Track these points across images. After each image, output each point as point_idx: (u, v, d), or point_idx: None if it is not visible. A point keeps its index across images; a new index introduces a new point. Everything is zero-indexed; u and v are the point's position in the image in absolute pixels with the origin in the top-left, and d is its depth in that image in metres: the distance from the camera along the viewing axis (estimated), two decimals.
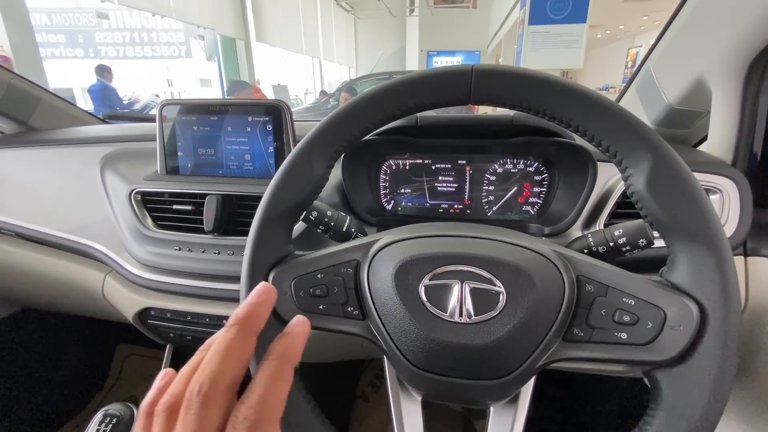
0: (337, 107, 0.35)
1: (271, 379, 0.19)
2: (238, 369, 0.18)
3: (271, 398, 0.18)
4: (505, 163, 0.62)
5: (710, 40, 0.55)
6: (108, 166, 0.71)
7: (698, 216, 0.29)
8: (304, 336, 0.21)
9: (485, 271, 0.32)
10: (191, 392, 0.18)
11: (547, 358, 0.33)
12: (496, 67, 0.33)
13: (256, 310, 0.20)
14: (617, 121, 0.30)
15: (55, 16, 7.45)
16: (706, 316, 0.29)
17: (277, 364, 0.19)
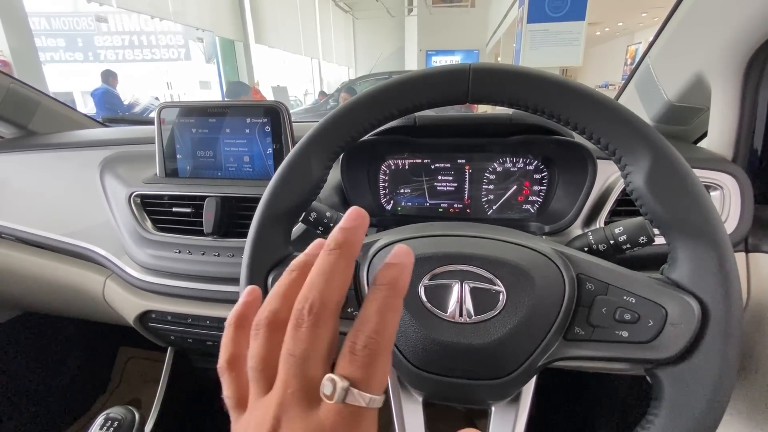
0: (350, 100, 0.35)
1: (383, 308, 0.18)
2: (343, 291, 0.18)
3: (386, 328, 0.18)
4: (505, 162, 0.62)
5: (709, 36, 0.54)
6: (107, 169, 0.71)
7: (698, 213, 0.29)
8: (410, 267, 0.20)
9: (485, 271, 0.32)
10: (301, 310, 0.17)
11: (548, 358, 0.32)
12: (494, 66, 0.33)
13: (354, 234, 0.19)
14: (616, 119, 0.30)
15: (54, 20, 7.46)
16: (708, 314, 0.29)
17: (387, 295, 0.18)
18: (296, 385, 0.17)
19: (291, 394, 0.17)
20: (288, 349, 0.17)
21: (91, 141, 0.81)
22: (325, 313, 0.18)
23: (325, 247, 0.19)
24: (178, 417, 0.84)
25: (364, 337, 0.17)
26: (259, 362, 0.18)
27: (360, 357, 0.17)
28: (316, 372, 0.17)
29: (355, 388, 0.16)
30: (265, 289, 0.36)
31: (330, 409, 0.16)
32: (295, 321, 0.17)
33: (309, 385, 0.17)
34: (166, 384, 0.79)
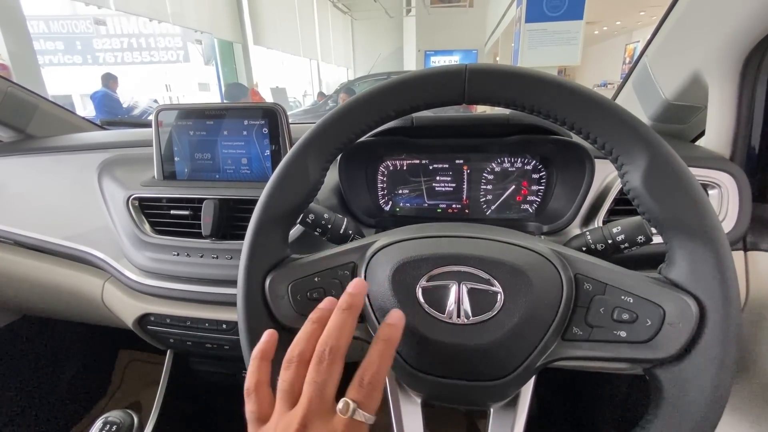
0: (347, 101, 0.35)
1: (382, 356, 0.25)
2: (350, 338, 0.26)
3: (382, 371, 0.25)
4: (503, 162, 0.62)
5: (705, 35, 0.54)
6: (105, 172, 0.71)
7: (695, 212, 0.29)
8: (402, 326, 0.27)
9: (482, 272, 0.32)
10: (322, 351, 0.25)
11: (547, 358, 0.32)
12: (490, 66, 0.33)
13: (359, 298, 0.27)
14: (612, 118, 0.30)
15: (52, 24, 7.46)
16: (705, 313, 0.29)
17: (385, 348, 0.25)
18: (318, 403, 0.24)
19: (314, 409, 0.24)
20: (312, 378, 0.24)
21: (88, 144, 0.81)
22: (338, 354, 0.25)
23: (338, 307, 0.26)
24: (177, 420, 0.84)
25: (369, 375, 0.25)
26: (289, 386, 0.25)
27: (365, 388, 0.24)
28: (330, 394, 0.24)
29: (359, 409, 0.24)
30: (263, 292, 0.36)
31: (341, 421, 0.23)
32: (318, 358, 0.25)
33: (326, 404, 0.24)
34: (166, 387, 0.79)
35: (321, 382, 0.24)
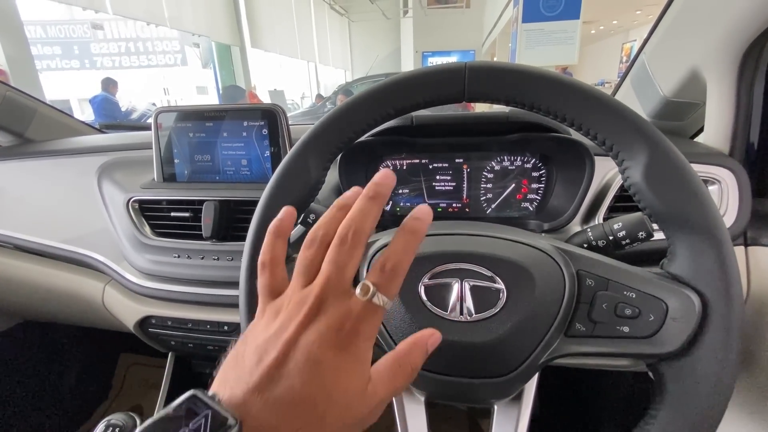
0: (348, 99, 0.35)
1: (406, 247, 0.24)
2: (373, 227, 0.24)
3: (404, 260, 0.24)
4: (503, 160, 0.62)
5: (703, 31, 0.55)
6: (105, 175, 0.71)
7: (696, 206, 0.29)
8: (429, 221, 0.25)
9: (484, 269, 0.32)
10: (345, 233, 0.24)
11: (550, 354, 0.32)
12: (489, 64, 0.33)
13: (385, 188, 0.25)
14: (612, 114, 0.30)
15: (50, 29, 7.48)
16: (708, 307, 0.29)
17: (409, 239, 0.24)
18: (336, 281, 0.23)
19: (332, 287, 0.23)
20: (332, 258, 0.23)
21: (88, 147, 0.81)
22: (361, 238, 0.24)
23: (364, 194, 0.25)
24: None
25: (391, 262, 0.24)
26: (309, 263, 0.24)
27: (386, 273, 0.23)
28: (350, 276, 0.24)
29: (379, 292, 0.23)
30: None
31: (358, 302, 0.23)
32: (340, 239, 0.24)
33: (344, 284, 0.23)
34: (168, 390, 0.78)
35: (341, 263, 0.23)
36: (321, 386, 0.21)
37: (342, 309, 0.23)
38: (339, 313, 0.22)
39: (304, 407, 0.21)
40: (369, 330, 0.23)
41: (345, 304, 0.23)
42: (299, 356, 0.21)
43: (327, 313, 0.22)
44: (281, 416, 0.20)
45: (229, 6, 7.02)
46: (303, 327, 0.22)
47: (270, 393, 0.20)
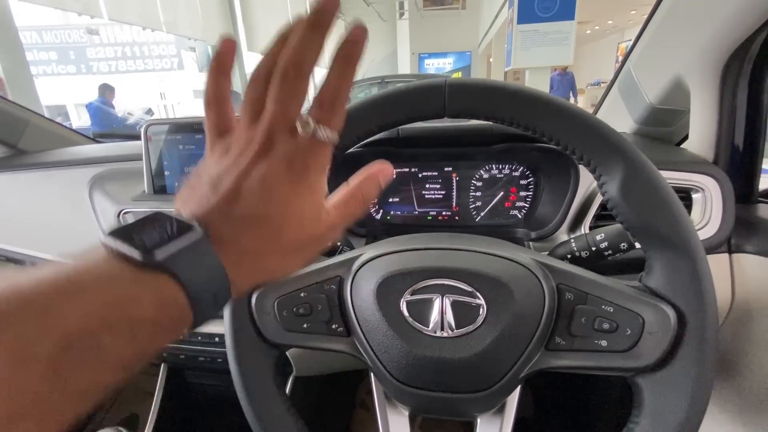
0: None
1: (340, 75, 0.23)
2: (316, 59, 0.22)
3: (343, 91, 0.23)
4: (491, 169, 0.63)
5: (686, 40, 0.55)
6: (96, 187, 0.71)
7: (671, 222, 0.29)
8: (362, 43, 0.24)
9: (465, 284, 0.33)
10: (285, 68, 0.22)
11: (530, 368, 0.33)
12: (469, 81, 0.33)
13: (327, 15, 0.22)
14: (588, 130, 0.31)
15: (45, 34, 7.47)
16: (684, 321, 0.30)
17: (343, 64, 0.23)
18: (281, 118, 0.22)
19: (277, 124, 0.22)
20: (274, 95, 0.22)
21: (80, 159, 0.81)
22: (304, 71, 0.22)
23: (304, 23, 0.22)
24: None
25: (328, 95, 0.23)
26: (254, 101, 0.23)
27: (325, 106, 0.23)
28: (295, 113, 0.23)
29: (322, 125, 0.23)
30: (249, 309, 0.36)
31: (304, 139, 0.23)
32: (281, 76, 0.22)
33: (290, 121, 0.23)
34: (161, 400, 0.78)
35: (284, 100, 0.22)
36: (276, 208, 0.23)
37: (289, 145, 0.22)
38: (286, 149, 0.22)
39: (262, 224, 0.22)
40: (319, 164, 0.24)
41: (292, 141, 0.23)
42: (253, 185, 0.22)
43: (275, 150, 0.22)
44: (241, 231, 0.22)
45: (225, 10, 7.03)
46: (253, 163, 0.22)
47: (229, 212, 0.22)
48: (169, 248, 0.19)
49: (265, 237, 0.23)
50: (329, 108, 0.23)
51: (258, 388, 0.36)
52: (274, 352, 0.37)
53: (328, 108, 0.23)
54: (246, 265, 0.22)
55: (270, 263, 0.24)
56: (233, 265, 0.21)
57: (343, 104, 0.24)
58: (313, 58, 0.22)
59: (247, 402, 0.35)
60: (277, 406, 0.36)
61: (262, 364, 0.36)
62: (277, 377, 0.37)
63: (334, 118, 0.23)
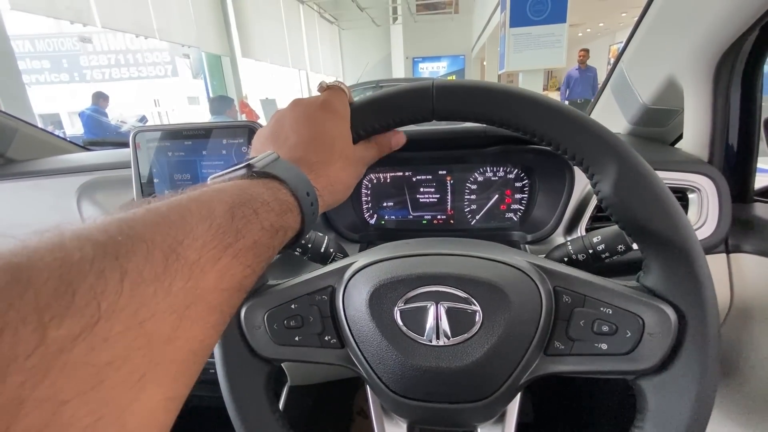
0: None
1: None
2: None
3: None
4: (485, 172, 0.62)
5: (678, 40, 0.55)
6: (84, 196, 0.70)
7: (667, 220, 0.28)
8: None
9: (460, 291, 0.32)
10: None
11: (530, 375, 0.32)
12: (457, 82, 0.33)
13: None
14: (580, 129, 0.30)
15: (38, 42, 7.44)
16: (684, 321, 0.29)
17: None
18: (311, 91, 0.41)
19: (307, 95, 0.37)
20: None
21: (68, 168, 0.80)
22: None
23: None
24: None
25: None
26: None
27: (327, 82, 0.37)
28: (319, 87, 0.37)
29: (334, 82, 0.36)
30: (239, 322, 0.35)
31: (323, 91, 0.36)
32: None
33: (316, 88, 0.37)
34: None
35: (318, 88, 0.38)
36: (318, 127, 0.33)
37: (315, 96, 0.35)
38: (313, 98, 0.34)
39: (314, 143, 0.32)
40: (338, 102, 0.34)
41: (315, 96, 0.35)
42: (300, 117, 0.33)
43: (306, 100, 0.35)
44: (303, 149, 0.32)
45: (218, 17, 7.03)
46: (292, 109, 0.34)
47: (287, 143, 0.32)
48: (260, 163, 0.27)
49: (321, 148, 0.32)
50: (333, 81, 0.37)
51: (250, 407, 0.34)
52: (265, 367, 0.35)
53: (332, 81, 0.37)
54: (320, 174, 0.31)
55: (333, 172, 0.32)
56: (310, 174, 0.30)
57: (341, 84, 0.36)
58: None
59: (239, 421, 0.34)
60: (270, 425, 0.34)
61: (254, 380, 0.35)
62: (269, 393, 0.36)
63: (337, 83, 0.36)
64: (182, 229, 0.20)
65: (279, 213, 0.25)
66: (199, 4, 6.41)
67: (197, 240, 0.20)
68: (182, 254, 0.19)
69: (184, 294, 0.18)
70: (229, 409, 0.34)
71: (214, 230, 0.21)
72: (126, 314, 0.16)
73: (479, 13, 9.35)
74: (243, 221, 0.23)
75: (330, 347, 0.35)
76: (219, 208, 0.22)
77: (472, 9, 10.38)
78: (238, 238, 0.22)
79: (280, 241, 0.26)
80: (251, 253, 0.23)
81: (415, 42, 11.33)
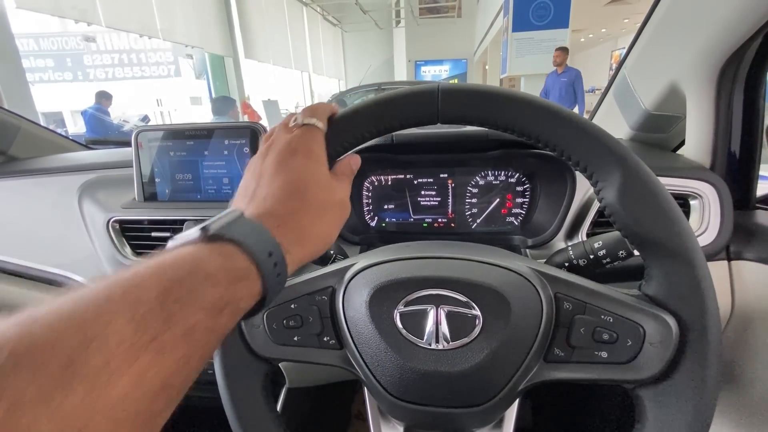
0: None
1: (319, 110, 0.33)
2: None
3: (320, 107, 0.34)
4: (487, 176, 0.62)
5: (681, 47, 0.55)
6: (86, 194, 0.70)
7: (669, 229, 0.28)
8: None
9: (460, 295, 0.32)
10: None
11: (529, 381, 0.32)
12: (462, 86, 0.33)
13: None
14: (584, 135, 0.30)
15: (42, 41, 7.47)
16: (686, 331, 0.29)
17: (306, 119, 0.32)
18: (281, 124, 0.33)
19: (277, 127, 0.32)
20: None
21: (70, 166, 0.80)
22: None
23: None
24: None
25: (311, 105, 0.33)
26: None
27: (309, 109, 0.32)
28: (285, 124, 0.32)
29: (307, 117, 0.32)
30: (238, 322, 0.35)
31: (297, 128, 0.31)
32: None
33: (285, 123, 0.32)
34: None
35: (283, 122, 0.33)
36: (290, 174, 0.29)
37: (286, 134, 0.31)
38: (284, 137, 0.31)
39: (283, 193, 0.28)
40: (313, 142, 0.31)
41: (288, 132, 0.31)
42: (269, 165, 0.29)
43: (277, 140, 0.31)
44: (272, 201, 0.28)
45: (222, 18, 7.05)
46: (262, 156, 0.31)
47: (256, 197, 0.28)
48: (216, 225, 0.24)
49: (291, 197, 0.28)
50: (311, 110, 0.32)
51: (247, 406, 0.34)
52: (263, 366, 0.35)
53: (310, 110, 0.32)
54: (289, 228, 0.27)
55: (307, 223, 0.28)
56: (277, 229, 0.26)
57: (324, 109, 0.32)
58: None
59: (236, 419, 0.34)
60: (267, 425, 0.34)
61: (252, 379, 0.35)
62: (267, 393, 0.35)
63: (317, 113, 0.32)
64: (95, 325, 0.16)
65: (228, 284, 0.22)
66: (202, 5, 6.44)
67: (112, 337, 0.16)
68: (85, 361, 0.15)
69: (76, 415, 0.15)
70: (226, 408, 0.34)
71: (137, 321, 0.17)
72: None
73: (482, 17, 9.38)
74: (177, 304, 0.19)
75: (329, 348, 0.34)
76: (148, 292, 0.19)
77: (475, 13, 10.42)
78: (168, 326, 0.18)
79: (229, 319, 0.22)
80: (185, 342, 0.19)
81: (417, 45, 11.36)
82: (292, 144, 0.30)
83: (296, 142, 0.30)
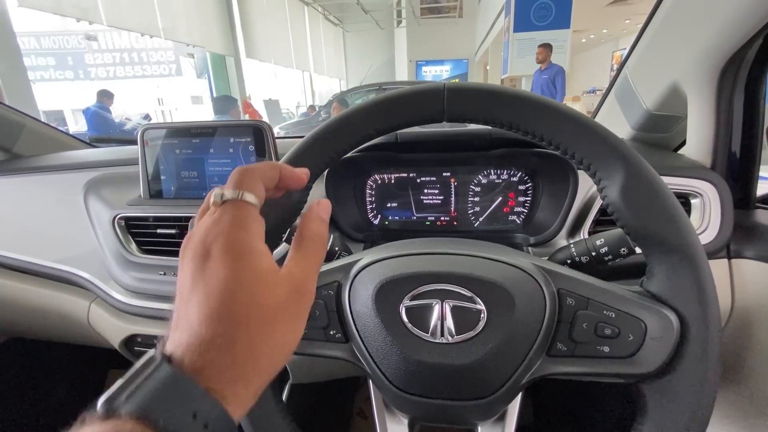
0: (327, 119, 0.35)
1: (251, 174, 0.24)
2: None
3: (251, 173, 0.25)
4: (489, 174, 0.63)
5: (682, 47, 0.56)
6: (91, 191, 0.70)
7: (672, 226, 0.29)
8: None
9: (465, 289, 0.32)
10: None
11: (532, 375, 0.32)
12: (468, 85, 0.33)
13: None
14: (588, 134, 0.30)
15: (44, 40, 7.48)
16: (686, 326, 0.29)
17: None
18: (199, 214, 0.25)
19: (198, 216, 0.25)
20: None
21: (75, 164, 0.80)
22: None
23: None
24: None
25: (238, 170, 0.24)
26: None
27: (235, 178, 0.24)
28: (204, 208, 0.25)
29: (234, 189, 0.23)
30: None
31: (217, 207, 0.23)
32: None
33: (205, 208, 0.24)
34: None
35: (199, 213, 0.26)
36: (208, 286, 0.20)
37: (206, 221, 0.23)
38: (204, 225, 0.22)
39: (204, 313, 0.20)
40: (237, 224, 0.22)
41: (208, 217, 0.23)
42: (185, 276, 0.21)
43: (192, 237, 0.23)
44: (189, 336, 0.19)
45: (223, 17, 7.06)
46: (181, 271, 0.22)
47: (179, 325, 0.20)
48: (114, 393, 0.19)
49: (215, 320, 0.20)
50: (238, 178, 0.24)
51: None
52: None
53: (237, 179, 0.24)
54: (221, 363, 0.19)
55: (243, 349, 0.20)
56: (202, 372, 0.19)
57: (259, 172, 0.25)
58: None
59: None
60: (272, 413, 0.35)
61: None
62: (273, 384, 0.36)
63: (244, 184, 0.23)
64: None
65: None
66: (204, 5, 6.45)
67: None
68: None
69: None
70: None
71: None
72: None
73: (483, 17, 9.38)
74: None
75: (335, 341, 0.35)
76: None
77: (476, 13, 10.42)
78: None
79: None
80: None
81: (418, 45, 11.36)
82: (206, 241, 0.21)
83: (213, 236, 0.21)
